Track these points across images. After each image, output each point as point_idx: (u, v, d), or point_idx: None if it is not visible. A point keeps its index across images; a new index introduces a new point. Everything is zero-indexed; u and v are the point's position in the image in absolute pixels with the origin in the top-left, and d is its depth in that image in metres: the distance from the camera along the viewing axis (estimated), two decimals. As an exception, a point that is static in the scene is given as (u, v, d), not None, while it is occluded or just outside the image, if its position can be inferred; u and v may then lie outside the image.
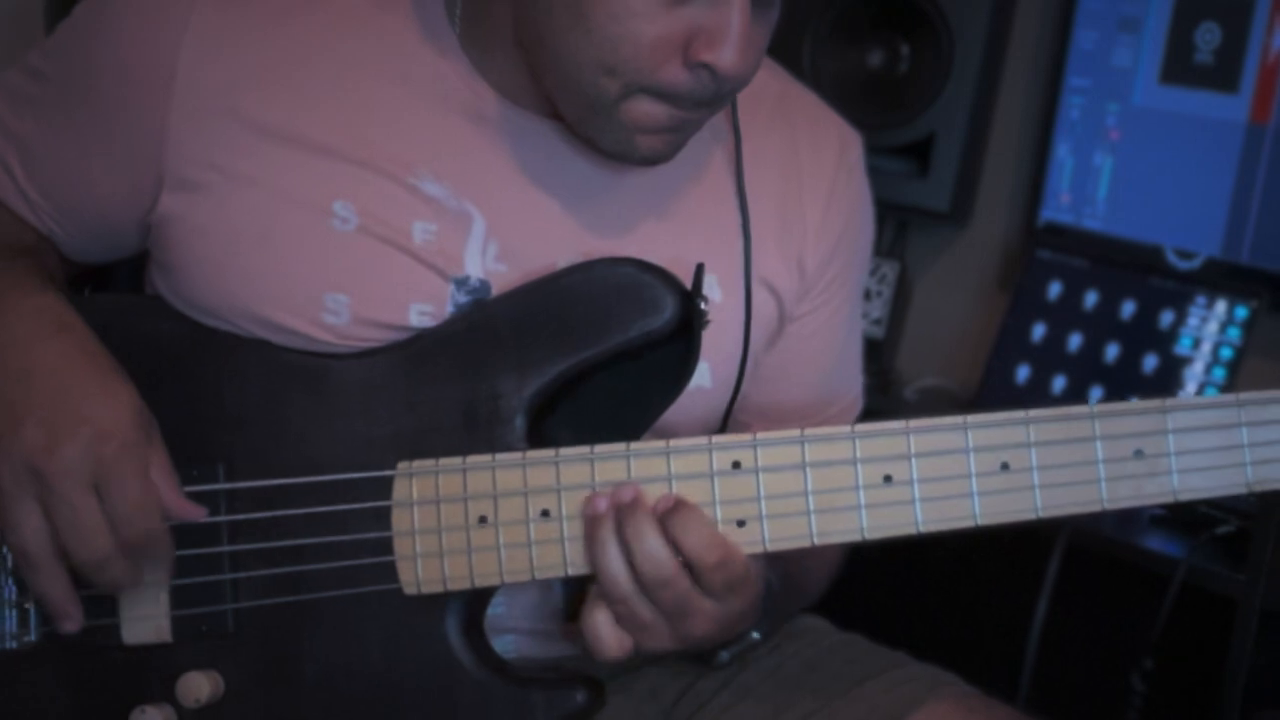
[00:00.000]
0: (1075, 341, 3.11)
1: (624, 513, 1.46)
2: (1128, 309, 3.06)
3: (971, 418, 1.45)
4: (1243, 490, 1.44)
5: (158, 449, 1.52)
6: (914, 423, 1.46)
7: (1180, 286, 3.00)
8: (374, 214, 1.57)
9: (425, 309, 1.57)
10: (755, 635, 1.65)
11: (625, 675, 1.77)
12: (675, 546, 1.45)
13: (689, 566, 1.46)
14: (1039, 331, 3.16)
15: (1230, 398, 1.44)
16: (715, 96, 1.50)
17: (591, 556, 1.47)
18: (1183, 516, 2.64)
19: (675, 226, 1.66)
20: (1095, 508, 1.44)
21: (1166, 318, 2.99)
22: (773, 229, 1.70)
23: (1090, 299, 3.11)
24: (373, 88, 1.59)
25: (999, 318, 3.26)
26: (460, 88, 1.60)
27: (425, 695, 1.54)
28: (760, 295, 1.70)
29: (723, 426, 1.70)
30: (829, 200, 1.74)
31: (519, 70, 1.58)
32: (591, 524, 1.47)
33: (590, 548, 1.47)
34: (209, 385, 1.57)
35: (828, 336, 1.80)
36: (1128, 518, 2.70)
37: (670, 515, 1.46)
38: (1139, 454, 1.43)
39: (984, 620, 2.90)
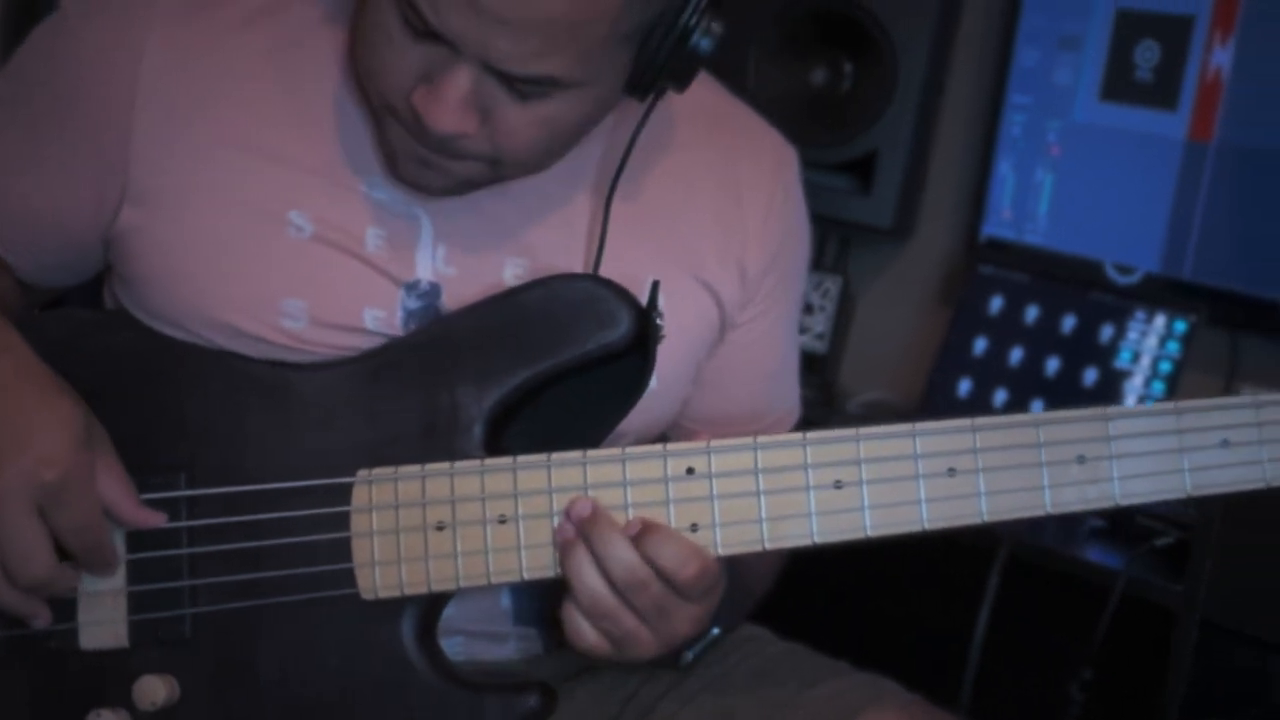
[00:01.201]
0: (1016, 355, 3.15)
1: (587, 528, 1.48)
2: (1068, 323, 3.09)
3: (920, 425, 1.48)
4: (1182, 495, 1.47)
5: (108, 461, 1.53)
6: (864, 429, 1.49)
7: (1120, 301, 3.04)
8: (328, 222, 1.59)
9: (378, 313, 1.60)
10: (715, 631, 1.65)
11: (570, 681, 1.78)
12: (652, 567, 1.47)
13: (668, 582, 1.48)
14: (980, 345, 3.20)
15: (1170, 405, 1.47)
16: (441, 144, 1.51)
17: (570, 579, 1.49)
18: (1122, 528, 2.66)
19: (625, 225, 1.67)
20: (1039, 512, 1.46)
21: (1106, 332, 3.03)
22: (713, 237, 1.73)
23: (1031, 313, 3.15)
24: (324, 97, 1.61)
25: (941, 332, 3.30)
26: None
27: (381, 700, 1.55)
28: (701, 297, 1.72)
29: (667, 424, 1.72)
30: (768, 210, 1.76)
31: None
32: (564, 549, 1.49)
33: (567, 571, 1.49)
34: (171, 395, 1.58)
35: (768, 346, 1.82)
36: (1068, 530, 2.73)
37: (641, 538, 1.48)
38: (1081, 460, 1.46)
39: (926, 630, 2.92)
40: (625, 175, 1.64)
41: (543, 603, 1.76)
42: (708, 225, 1.72)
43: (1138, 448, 1.46)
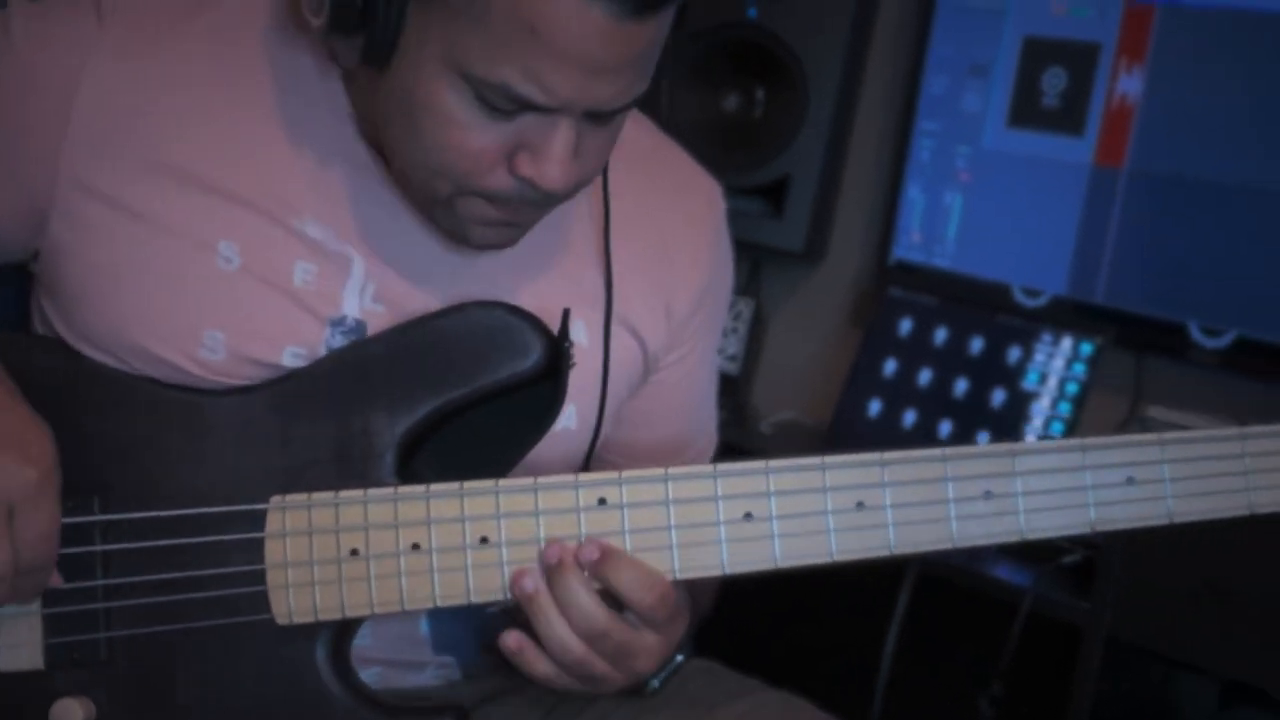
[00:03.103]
0: (925, 377, 3.18)
1: (552, 575, 1.50)
2: (976, 345, 3.13)
3: (829, 458, 1.50)
4: (1087, 530, 1.50)
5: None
6: (773, 462, 1.50)
7: (1027, 324, 3.08)
8: (257, 254, 1.59)
9: (299, 351, 1.60)
10: (680, 658, 1.66)
11: (487, 704, 1.80)
12: (612, 593, 1.49)
13: (631, 609, 1.50)
14: (890, 367, 3.23)
15: (1075, 442, 1.49)
16: (546, 200, 1.53)
17: (538, 631, 1.50)
18: (1030, 546, 2.67)
19: (547, 273, 1.69)
20: (946, 545, 1.49)
21: (1014, 354, 3.06)
22: (640, 279, 1.74)
23: (940, 335, 3.18)
24: (262, 131, 1.61)
25: (851, 353, 3.33)
26: (343, 134, 1.62)
27: None
28: (625, 341, 1.74)
29: (584, 467, 1.72)
30: (696, 253, 1.78)
31: None
32: (529, 603, 1.50)
33: (535, 624, 1.50)
34: (85, 419, 1.58)
35: (690, 384, 1.85)
36: (977, 548, 2.76)
37: (600, 564, 1.50)
38: (988, 495, 1.49)
39: (837, 646, 2.93)
40: (571, 215, 1.68)
41: (464, 630, 1.78)
42: (636, 269, 1.74)
43: (1044, 484, 1.49)
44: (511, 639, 1.52)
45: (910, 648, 2.65)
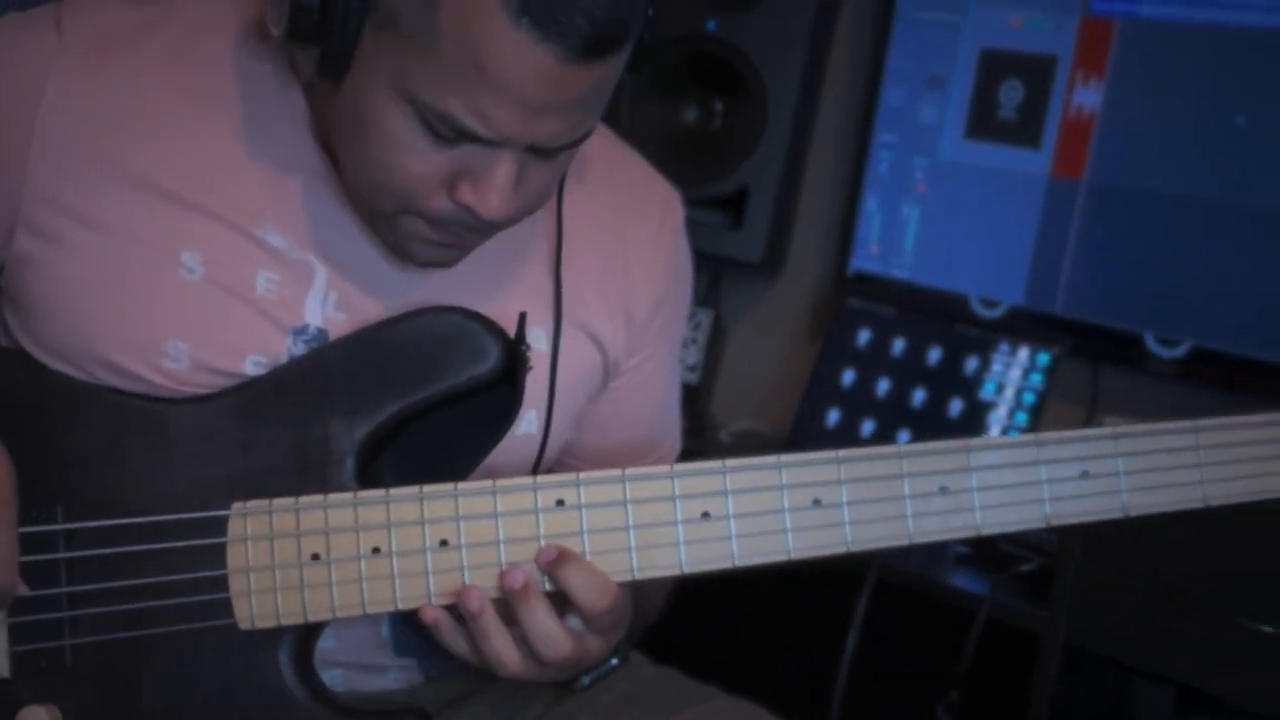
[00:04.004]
0: (884, 387, 3.19)
1: (516, 598, 1.50)
2: (934, 355, 3.14)
3: (785, 457, 1.51)
4: (1042, 525, 1.51)
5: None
6: (730, 461, 1.52)
7: (984, 334, 3.09)
8: (220, 264, 1.59)
9: (260, 360, 1.61)
10: (614, 661, 1.67)
11: (449, 709, 1.80)
12: (564, 595, 1.51)
13: (579, 612, 1.52)
14: (849, 377, 3.24)
15: (1030, 438, 1.51)
16: (487, 227, 1.56)
17: (479, 646, 1.52)
18: (987, 555, 2.70)
19: (505, 281, 1.71)
20: (903, 542, 1.50)
21: (971, 364, 3.08)
22: (598, 285, 1.75)
23: (898, 346, 3.20)
24: (224, 141, 1.62)
25: (810, 364, 3.34)
26: (303, 145, 1.63)
27: None
28: (584, 346, 1.75)
29: (536, 471, 1.73)
30: (654, 257, 1.80)
31: None
32: (473, 621, 1.51)
33: (477, 640, 1.52)
34: (48, 430, 1.59)
35: (652, 389, 1.86)
36: (934, 556, 2.76)
37: (556, 565, 1.51)
38: (944, 490, 1.50)
39: (795, 654, 2.94)
40: (528, 224, 1.68)
41: (425, 633, 1.78)
42: (595, 276, 1.75)
43: (999, 479, 1.51)
44: (428, 614, 1.53)
45: (868, 656, 2.65)
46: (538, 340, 1.69)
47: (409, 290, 1.66)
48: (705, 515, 1.51)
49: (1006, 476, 1.51)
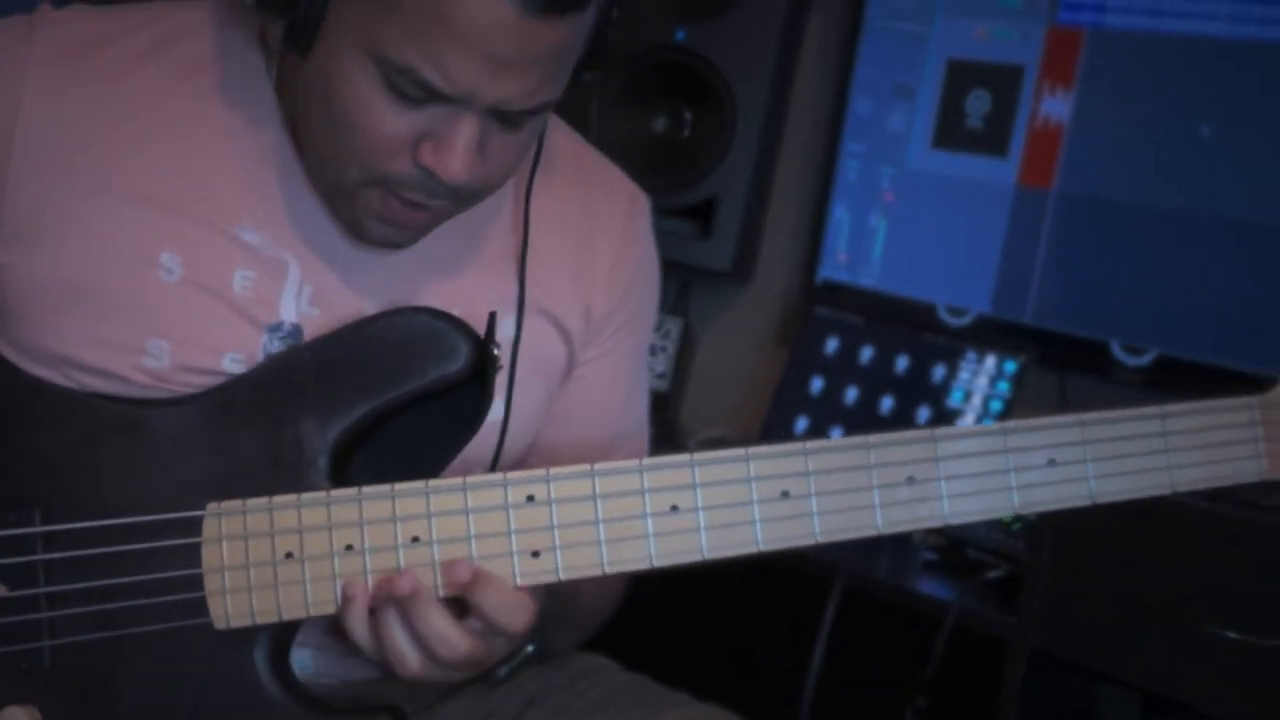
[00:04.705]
0: (851, 395, 3.20)
1: (407, 604, 1.51)
2: (902, 363, 3.15)
3: (753, 449, 1.52)
4: (1010, 513, 1.52)
5: None
6: (699, 455, 1.52)
7: (952, 342, 3.11)
8: (198, 264, 1.61)
9: (238, 357, 1.62)
10: (530, 649, 1.69)
11: (424, 711, 1.81)
12: (476, 615, 1.51)
13: (495, 631, 1.53)
14: (817, 385, 3.25)
15: (996, 427, 1.52)
16: (450, 195, 1.57)
17: (379, 641, 1.53)
18: (954, 561, 2.71)
19: (474, 272, 1.73)
20: (871, 532, 1.51)
21: (939, 372, 3.09)
22: (562, 275, 1.77)
23: (866, 354, 3.21)
24: (199, 142, 1.63)
25: (778, 371, 3.35)
26: (274, 139, 1.65)
27: None
28: (549, 335, 1.77)
29: (498, 454, 1.74)
30: (618, 255, 1.82)
31: None
32: (374, 612, 1.53)
33: (379, 630, 1.53)
34: (25, 433, 1.60)
35: (612, 384, 1.87)
36: (902, 562, 2.77)
37: (471, 587, 1.51)
38: (911, 481, 1.51)
39: (764, 661, 2.94)
40: (496, 216, 1.72)
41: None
42: (562, 268, 1.77)
43: (966, 468, 1.51)
44: (351, 587, 1.53)
45: (836, 662, 2.65)
46: (505, 328, 1.70)
47: (382, 284, 1.68)
48: (674, 509, 1.52)
49: (973, 465, 1.51)
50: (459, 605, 1.53)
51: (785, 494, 1.51)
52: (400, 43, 1.45)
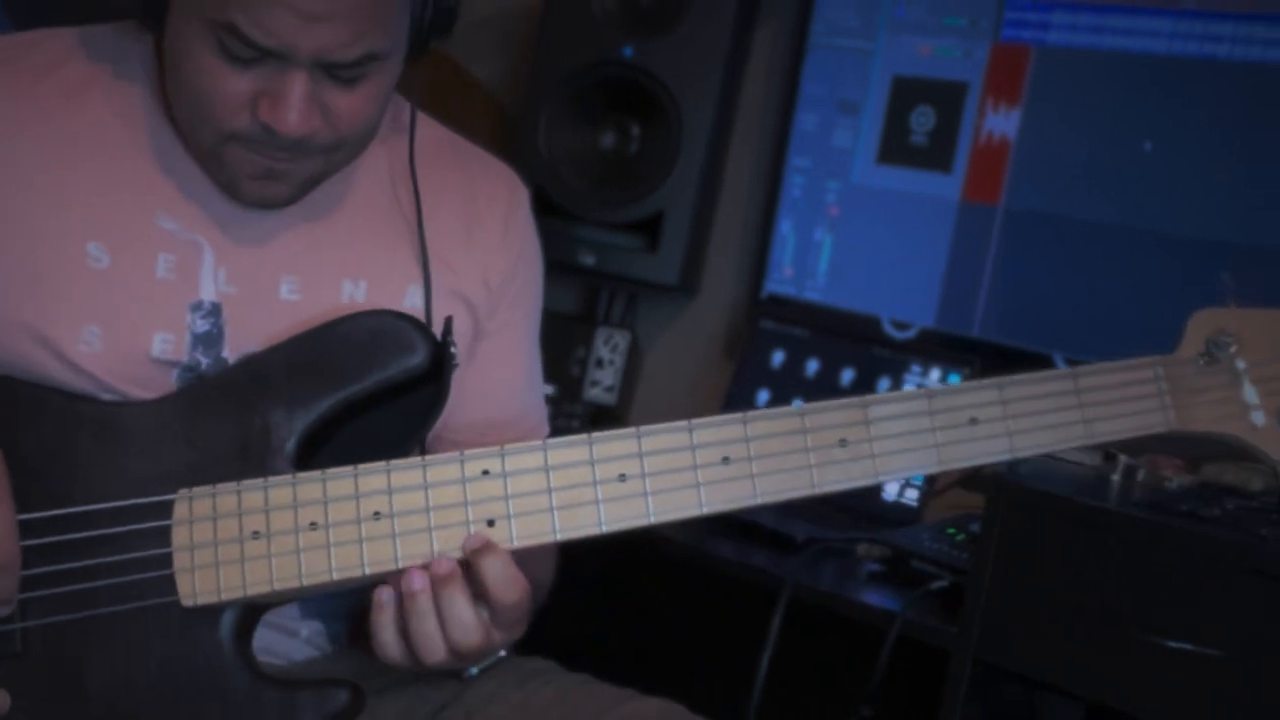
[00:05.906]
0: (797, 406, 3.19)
1: (438, 587, 1.57)
2: (847, 376, 3.17)
3: (696, 420, 1.61)
4: (935, 469, 1.60)
5: None
6: (644, 427, 1.61)
7: (896, 355, 3.13)
8: (123, 252, 1.70)
9: (168, 337, 1.71)
10: (502, 653, 1.77)
11: (374, 698, 1.81)
12: (478, 584, 1.57)
13: (490, 603, 1.58)
14: (763, 397, 3.26)
15: (921, 391, 1.61)
16: (296, 148, 1.66)
17: (410, 627, 1.58)
18: (899, 572, 2.71)
19: (380, 246, 1.82)
20: (807, 492, 1.58)
21: (883, 385, 3.10)
22: (458, 246, 1.86)
23: (811, 366, 3.23)
24: (119, 139, 1.73)
25: (725, 384, 3.37)
26: (170, 129, 1.75)
27: (201, 702, 1.62)
28: (457, 309, 1.84)
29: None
30: (505, 226, 1.91)
31: None
32: (411, 600, 1.57)
33: (409, 621, 1.58)
34: (3, 434, 1.64)
35: (511, 357, 1.95)
36: (847, 573, 2.77)
37: (480, 553, 1.57)
38: (843, 443, 1.59)
39: (711, 671, 2.93)
40: (386, 192, 1.82)
41: (330, 601, 1.84)
42: (455, 240, 1.85)
43: (894, 429, 1.59)
44: (384, 593, 1.60)
45: (782, 673, 2.65)
46: (412, 298, 1.80)
47: (291, 259, 1.77)
48: (622, 477, 1.59)
49: (901, 426, 1.59)
50: None
51: (726, 459, 1.58)
52: (221, 3, 1.55)
